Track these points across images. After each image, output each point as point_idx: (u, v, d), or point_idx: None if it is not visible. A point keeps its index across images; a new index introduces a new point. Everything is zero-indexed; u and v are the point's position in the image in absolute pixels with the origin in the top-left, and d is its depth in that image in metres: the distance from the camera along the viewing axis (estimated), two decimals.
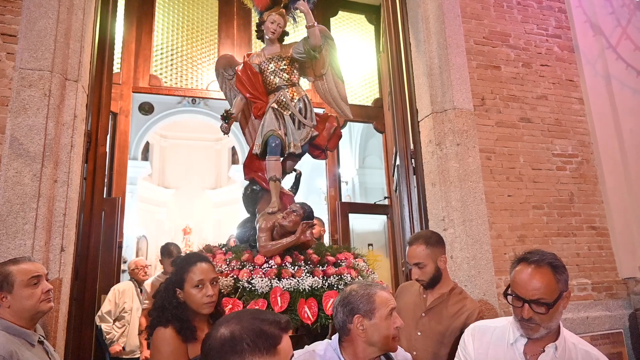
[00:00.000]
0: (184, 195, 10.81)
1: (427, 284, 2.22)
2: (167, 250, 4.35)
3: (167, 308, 1.77)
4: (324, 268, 2.71)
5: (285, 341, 1.02)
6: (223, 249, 2.93)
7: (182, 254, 2.43)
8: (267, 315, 1.04)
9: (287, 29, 3.31)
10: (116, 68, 4.37)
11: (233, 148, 10.95)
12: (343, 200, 5.59)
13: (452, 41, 3.57)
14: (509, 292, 1.57)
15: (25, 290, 1.76)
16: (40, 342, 1.84)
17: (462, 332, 2.07)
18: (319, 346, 1.69)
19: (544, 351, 1.56)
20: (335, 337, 1.69)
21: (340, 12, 5.66)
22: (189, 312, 1.81)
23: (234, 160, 11.05)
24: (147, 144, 10.34)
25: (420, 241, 2.21)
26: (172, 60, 5.09)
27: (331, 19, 5.56)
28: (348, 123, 5.78)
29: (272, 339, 0.98)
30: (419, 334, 2.18)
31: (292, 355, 1.06)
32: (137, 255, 9.00)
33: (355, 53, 5.60)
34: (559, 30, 4.14)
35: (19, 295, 1.75)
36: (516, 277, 1.55)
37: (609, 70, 4.03)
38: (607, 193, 3.78)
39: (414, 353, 2.12)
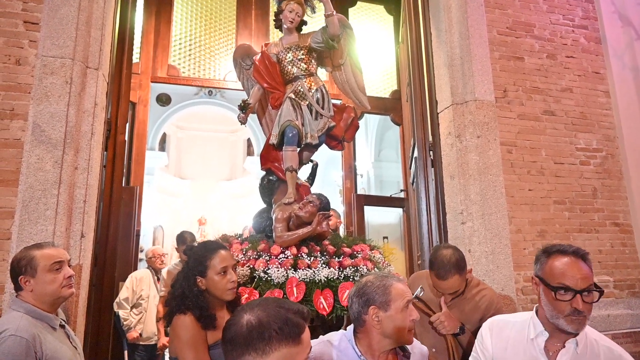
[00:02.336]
0: (199, 186, 10.91)
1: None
2: (182, 238, 4.41)
3: (188, 296, 1.78)
4: (340, 259, 2.70)
5: (307, 331, 1.01)
6: (239, 238, 2.94)
7: (196, 243, 2.43)
8: (291, 304, 1.04)
9: (305, 18, 3.27)
10: (135, 58, 4.39)
11: (248, 140, 10.99)
12: (358, 192, 5.55)
13: (474, 31, 3.49)
14: (555, 285, 1.46)
15: (47, 275, 1.78)
16: (62, 326, 1.87)
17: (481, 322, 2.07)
18: (334, 337, 1.68)
19: (564, 347, 1.52)
20: (350, 328, 1.68)
21: (359, 3, 5.59)
22: (210, 299, 1.83)
23: (249, 152, 11.09)
24: (164, 134, 10.44)
25: (454, 272, 2.07)
26: (190, 50, 5.10)
27: (350, 10, 5.50)
28: (364, 115, 5.73)
29: (297, 328, 0.97)
30: None
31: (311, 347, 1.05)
32: (153, 244, 9.13)
33: (373, 44, 5.53)
34: (586, 21, 4.01)
35: (42, 280, 1.77)
36: (559, 268, 1.45)
37: (637, 62, 3.90)
38: (632, 189, 3.68)
39: (433, 350, 2.10)
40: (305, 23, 3.27)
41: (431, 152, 3.53)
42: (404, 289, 1.62)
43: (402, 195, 5.41)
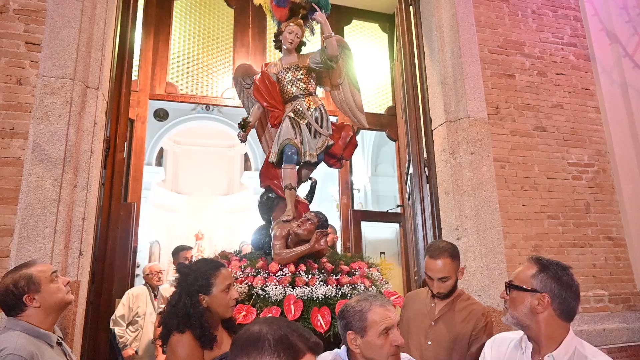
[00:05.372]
0: (196, 201, 10.90)
1: (445, 296, 2.21)
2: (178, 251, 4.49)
3: (192, 315, 1.78)
4: (338, 277, 2.71)
5: (308, 358, 1.02)
6: (238, 255, 2.96)
7: (192, 260, 2.43)
8: (300, 329, 1.06)
9: (304, 39, 3.33)
10: (134, 76, 4.45)
11: (246, 155, 11.03)
12: (355, 208, 5.58)
13: (466, 50, 3.57)
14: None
15: (52, 286, 1.81)
16: (59, 344, 1.87)
17: (471, 337, 2.09)
18: (328, 356, 1.68)
19: None
20: (344, 347, 1.69)
21: (354, 21, 5.69)
22: (211, 318, 1.84)
23: (247, 167, 11.12)
24: (162, 149, 10.47)
25: (446, 255, 2.15)
26: (188, 68, 5.17)
27: (345, 28, 5.60)
28: (360, 131, 5.79)
29: (293, 350, 0.99)
30: (429, 343, 2.17)
31: None
32: (149, 260, 9.08)
33: (368, 61, 5.62)
34: (575, 39, 4.12)
35: (48, 291, 1.79)
36: None
37: (626, 78, 3.99)
38: (624, 203, 3.73)
39: (429, 343, 2.13)
40: (304, 44, 3.34)
41: (426, 169, 3.58)
42: (383, 314, 1.57)
43: (398, 210, 5.44)
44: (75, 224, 2.67)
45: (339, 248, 4.78)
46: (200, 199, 10.92)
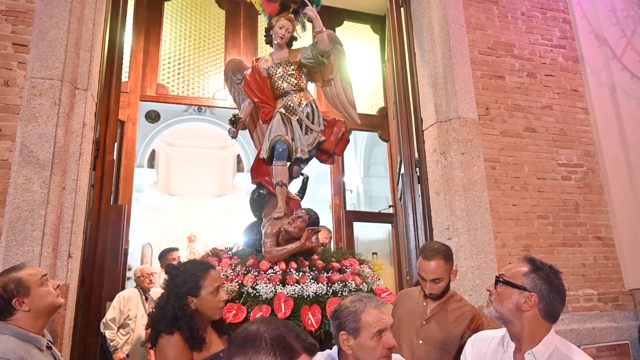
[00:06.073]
0: (188, 202, 10.85)
1: (437, 297, 2.22)
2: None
3: (180, 317, 1.77)
4: (329, 274, 2.71)
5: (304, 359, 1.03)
6: (229, 252, 2.94)
7: (180, 262, 2.39)
8: (297, 330, 1.07)
9: (295, 34, 3.32)
10: (124, 77, 4.42)
11: (238, 156, 11.00)
12: (347, 208, 5.59)
13: (456, 51, 3.60)
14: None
15: (41, 289, 1.80)
16: (49, 348, 1.85)
17: (463, 339, 2.09)
18: (320, 357, 1.67)
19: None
20: (336, 347, 1.69)
21: (345, 22, 5.70)
22: (200, 320, 1.83)
23: (239, 168, 11.09)
24: (153, 151, 10.42)
25: (440, 256, 2.16)
26: (179, 69, 5.15)
27: (336, 29, 5.60)
28: (353, 132, 5.80)
29: (289, 350, 1.01)
30: (420, 342, 2.18)
31: None
32: (141, 263, 9.02)
33: (360, 62, 5.63)
34: (564, 41, 4.16)
35: (38, 295, 1.78)
36: None
37: (614, 80, 4.04)
38: (613, 203, 3.77)
39: (420, 342, 2.14)
40: (295, 39, 3.33)
41: (417, 169, 3.59)
42: (376, 316, 1.57)
43: (390, 211, 5.46)
44: (64, 226, 2.64)
45: (331, 249, 4.78)
46: (192, 201, 10.87)
